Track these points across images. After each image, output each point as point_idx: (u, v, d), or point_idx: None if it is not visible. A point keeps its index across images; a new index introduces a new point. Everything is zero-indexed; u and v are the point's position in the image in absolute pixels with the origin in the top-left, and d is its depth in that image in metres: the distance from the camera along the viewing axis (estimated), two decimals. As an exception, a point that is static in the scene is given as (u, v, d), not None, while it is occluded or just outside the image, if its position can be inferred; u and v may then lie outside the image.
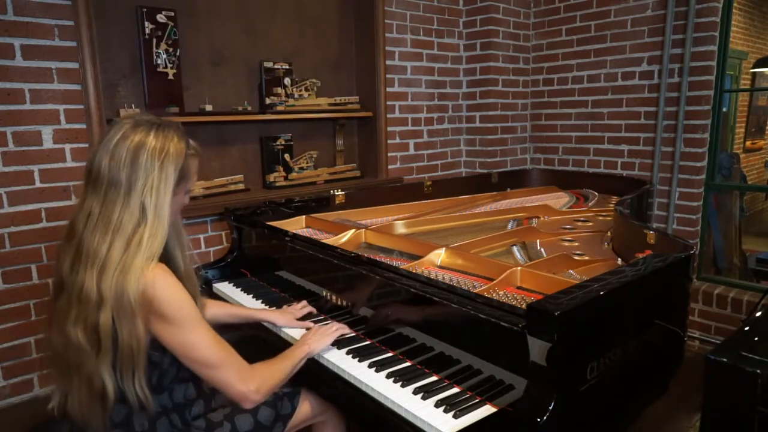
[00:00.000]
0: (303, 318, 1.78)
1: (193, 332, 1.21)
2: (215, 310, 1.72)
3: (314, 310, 1.82)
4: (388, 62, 3.30)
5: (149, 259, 1.18)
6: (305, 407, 1.54)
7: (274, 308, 1.87)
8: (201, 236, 2.70)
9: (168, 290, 1.18)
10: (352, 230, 2.13)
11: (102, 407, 1.22)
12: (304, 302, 1.84)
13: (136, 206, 1.17)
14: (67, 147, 2.30)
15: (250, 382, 1.26)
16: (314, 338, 1.53)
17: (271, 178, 2.98)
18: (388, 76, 3.31)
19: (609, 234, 2.18)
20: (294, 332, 1.71)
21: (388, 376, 1.39)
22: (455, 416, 1.20)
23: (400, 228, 2.30)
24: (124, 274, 1.14)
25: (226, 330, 1.76)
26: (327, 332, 1.56)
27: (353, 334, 1.62)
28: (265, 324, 1.79)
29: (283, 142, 3.00)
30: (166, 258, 1.31)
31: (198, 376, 1.34)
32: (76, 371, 1.20)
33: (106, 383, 1.18)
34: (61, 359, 1.23)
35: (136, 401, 1.21)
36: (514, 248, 2.03)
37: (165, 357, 1.27)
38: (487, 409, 1.23)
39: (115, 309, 1.14)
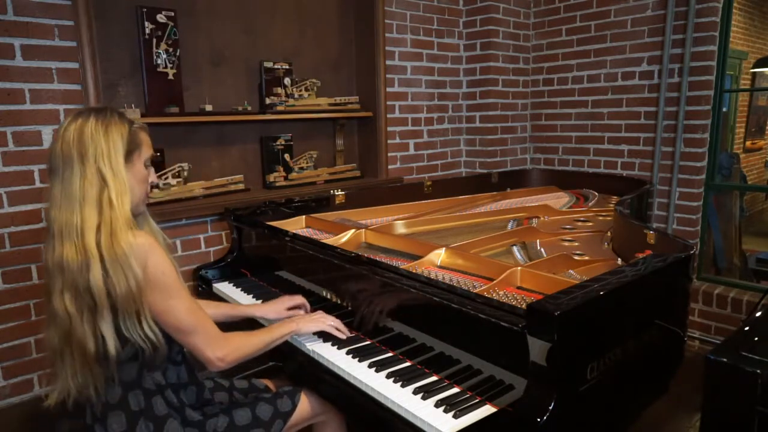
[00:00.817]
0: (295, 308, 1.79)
1: (173, 298, 1.27)
2: (209, 310, 1.72)
3: (308, 305, 1.80)
4: (388, 62, 3.30)
5: (127, 217, 1.24)
6: (306, 406, 1.54)
7: (262, 301, 1.89)
8: (201, 236, 2.70)
9: (157, 256, 1.25)
10: (352, 230, 2.13)
11: (101, 369, 1.26)
12: (300, 296, 1.83)
13: (93, 173, 1.23)
14: (67, 147, 2.29)
15: (218, 350, 1.32)
16: (307, 319, 1.57)
17: (271, 178, 2.98)
18: (388, 76, 3.31)
19: (609, 234, 2.18)
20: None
21: (388, 376, 1.39)
22: (455, 416, 1.20)
23: (400, 228, 2.30)
24: (108, 231, 1.20)
25: (228, 329, 1.77)
26: (320, 319, 1.58)
27: (348, 335, 1.60)
28: (259, 320, 1.80)
29: (283, 142, 3.00)
30: None
31: (190, 362, 1.42)
32: (67, 344, 1.24)
33: (107, 341, 1.22)
34: (56, 347, 1.27)
35: (149, 345, 1.25)
36: (514, 248, 2.03)
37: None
38: (487, 409, 1.23)
39: (108, 264, 1.19)
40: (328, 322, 1.59)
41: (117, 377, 1.28)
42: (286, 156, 3.02)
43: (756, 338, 1.32)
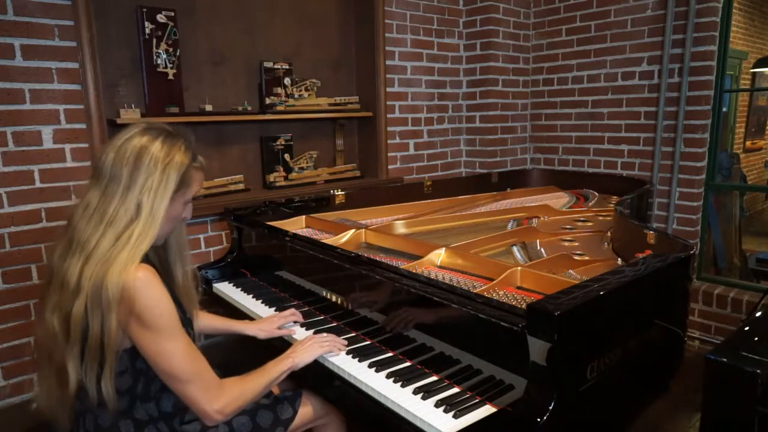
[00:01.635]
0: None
1: (168, 342, 1.18)
2: (199, 322, 1.70)
3: (301, 319, 1.77)
4: (388, 62, 3.30)
5: (134, 257, 1.17)
6: (307, 410, 1.53)
7: (255, 320, 1.81)
8: (201, 236, 2.70)
9: (152, 294, 1.16)
10: (352, 230, 2.13)
11: (68, 398, 1.23)
12: (292, 310, 1.79)
13: (132, 203, 1.19)
14: (67, 147, 2.30)
15: (215, 402, 1.24)
16: (301, 350, 1.48)
17: (271, 178, 2.98)
18: (388, 76, 3.31)
19: (609, 234, 2.18)
20: (294, 334, 1.71)
21: (388, 376, 1.39)
22: (455, 416, 1.20)
23: (400, 228, 2.30)
24: (107, 267, 1.14)
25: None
26: (315, 345, 1.50)
27: (345, 348, 1.56)
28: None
29: (283, 142, 3.00)
30: (163, 269, 1.32)
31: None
32: (48, 360, 1.21)
33: (69, 374, 1.18)
34: (42, 350, 1.24)
35: (96, 397, 1.18)
36: (514, 248, 2.03)
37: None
38: (487, 409, 1.23)
39: (89, 299, 1.13)
40: (323, 346, 1.50)
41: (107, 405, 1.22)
42: (286, 156, 3.02)
43: (756, 338, 1.32)
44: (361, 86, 3.35)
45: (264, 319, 1.78)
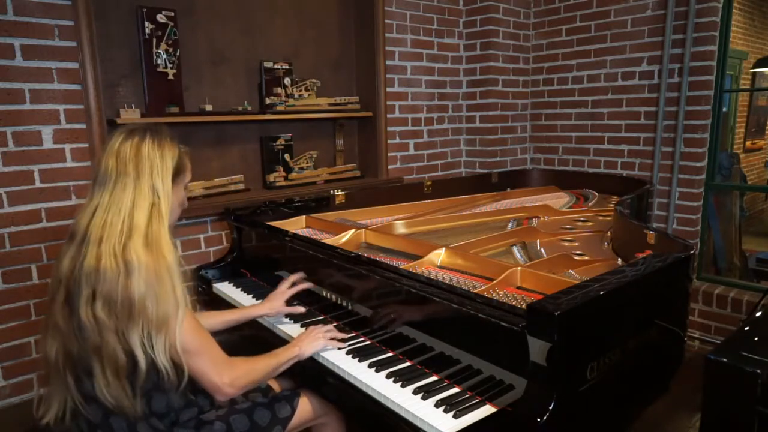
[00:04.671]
0: (294, 298, 1.80)
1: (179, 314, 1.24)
2: (209, 320, 1.71)
3: (310, 285, 1.81)
4: (388, 62, 3.30)
5: (169, 231, 1.27)
6: (306, 409, 1.53)
7: (262, 301, 1.83)
8: (201, 236, 2.70)
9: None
10: (352, 230, 2.13)
11: (131, 382, 1.22)
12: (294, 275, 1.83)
13: (147, 188, 1.27)
14: (67, 147, 2.29)
15: (225, 375, 1.29)
16: (306, 341, 1.53)
17: (271, 178, 2.98)
18: (388, 76, 3.31)
19: (609, 234, 2.18)
20: (291, 330, 1.71)
21: (388, 376, 1.39)
22: (455, 416, 1.21)
23: (400, 228, 2.29)
24: (157, 243, 1.22)
25: (224, 331, 1.77)
26: (319, 336, 1.54)
27: (345, 338, 1.60)
28: (258, 320, 1.79)
29: (283, 142, 3.00)
30: None
31: (183, 386, 1.34)
32: (97, 355, 1.20)
33: (136, 354, 1.19)
34: (62, 361, 1.24)
35: (165, 371, 1.22)
36: (514, 248, 2.03)
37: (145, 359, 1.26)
38: (487, 409, 1.23)
39: (149, 275, 1.18)
40: (327, 339, 1.55)
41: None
42: (286, 156, 3.02)
43: (756, 338, 1.32)
44: (361, 86, 3.35)
45: (269, 297, 1.80)
